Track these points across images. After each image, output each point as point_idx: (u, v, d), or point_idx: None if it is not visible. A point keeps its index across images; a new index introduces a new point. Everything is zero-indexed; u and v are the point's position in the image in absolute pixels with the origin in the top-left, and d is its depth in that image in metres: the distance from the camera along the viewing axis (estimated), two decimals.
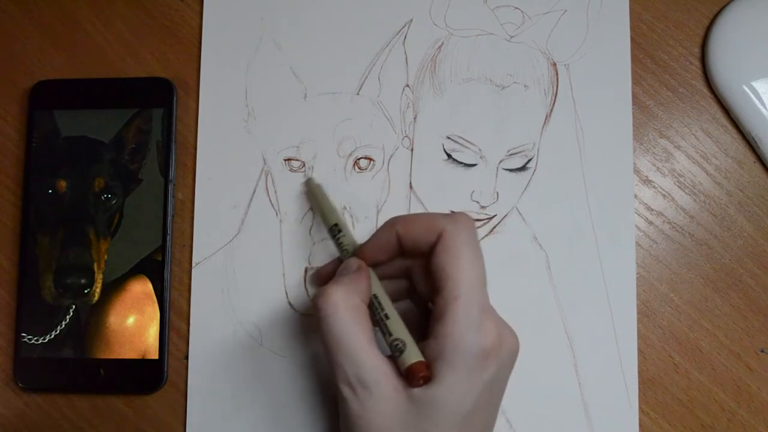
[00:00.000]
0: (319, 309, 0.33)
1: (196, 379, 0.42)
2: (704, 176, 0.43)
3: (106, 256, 0.42)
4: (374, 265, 0.36)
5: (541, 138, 0.43)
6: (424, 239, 0.34)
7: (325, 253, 0.42)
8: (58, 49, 0.45)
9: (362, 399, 0.32)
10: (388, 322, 0.34)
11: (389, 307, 0.34)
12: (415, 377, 0.31)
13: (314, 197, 0.42)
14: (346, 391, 0.32)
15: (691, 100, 0.44)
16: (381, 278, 0.36)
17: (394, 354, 0.33)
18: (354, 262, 0.36)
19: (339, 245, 0.38)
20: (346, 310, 0.33)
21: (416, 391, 0.31)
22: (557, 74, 0.44)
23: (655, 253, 0.43)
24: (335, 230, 0.39)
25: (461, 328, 0.31)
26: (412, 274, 0.37)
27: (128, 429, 0.42)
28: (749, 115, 0.42)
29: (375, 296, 0.35)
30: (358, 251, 0.37)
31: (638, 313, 0.42)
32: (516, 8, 0.44)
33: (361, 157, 0.43)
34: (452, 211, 0.37)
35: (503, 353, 0.33)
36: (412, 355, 0.32)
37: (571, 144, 0.43)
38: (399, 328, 0.33)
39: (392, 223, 0.35)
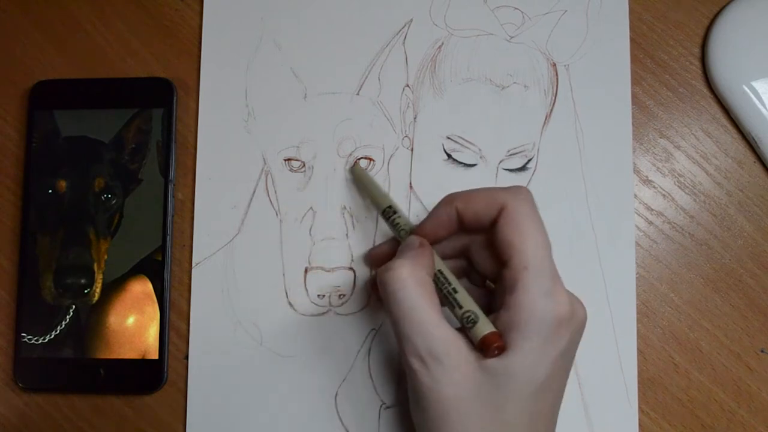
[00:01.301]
0: (387, 284, 0.33)
1: (196, 379, 0.42)
2: (704, 176, 0.43)
3: (106, 256, 0.42)
4: (433, 243, 0.36)
5: (541, 138, 0.43)
6: (485, 213, 0.34)
7: (325, 253, 0.42)
8: (58, 49, 0.45)
9: (433, 371, 0.32)
10: (456, 296, 0.34)
11: (455, 282, 0.35)
12: (489, 348, 0.31)
13: (362, 182, 0.42)
14: (416, 364, 0.32)
15: (691, 100, 0.44)
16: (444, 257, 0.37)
17: (465, 326, 0.33)
18: (415, 239, 0.36)
19: (395, 226, 0.38)
20: (414, 284, 0.33)
21: (490, 361, 0.31)
22: (557, 74, 0.44)
23: (655, 253, 0.43)
24: (390, 212, 0.39)
25: (534, 297, 0.32)
26: (470, 251, 0.37)
27: (128, 429, 0.42)
28: (749, 115, 0.42)
29: (440, 271, 0.35)
30: (417, 229, 0.37)
31: (638, 313, 0.42)
32: (516, 8, 0.44)
33: (361, 157, 0.43)
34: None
35: (575, 322, 0.33)
36: (486, 325, 0.32)
37: (571, 144, 0.43)
38: (468, 301, 0.33)
39: (451, 199, 0.36)
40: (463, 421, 0.32)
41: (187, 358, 0.42)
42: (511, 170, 0.43)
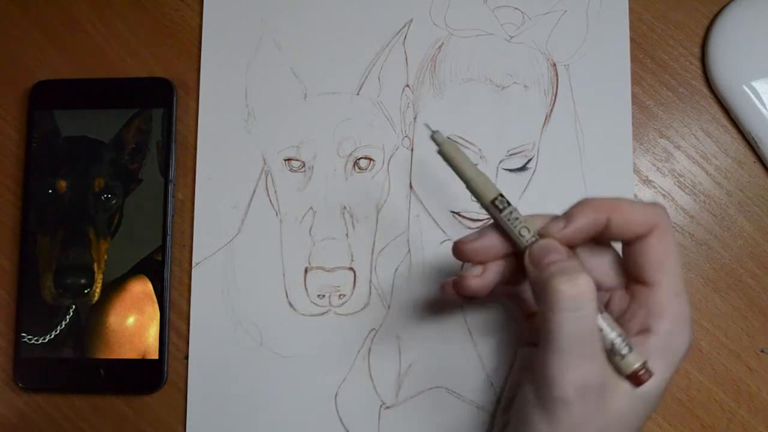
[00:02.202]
0: (570, 298, 0.29)
1: (196, 379, 0.42)
2: (704, 176, 0.43)
3: (106, 256, 0.42)
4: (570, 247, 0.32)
5: (541, 138, 0.43)
6: (636, 228, 0.31)
7: (325, 253, 0.42)
8: (58, 49, 0.45)
9: (589, 405, 0.29)
10: (604, 316, 0.31)
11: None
12: (641, 380, 0.30)
13: (457, 164, 0.33)
14: (572, 393, 0.29)
15: (691, 100, 0.44)
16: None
17: (616, 353, 0.30)
18: (563, 249, 0.31)
19: (514, 221, 0.32)
20: (596, 307, 0.29)
21: (636, 391, 0.30)
22: (557, 74, 0.44)
23: None
24: (503, 202, 0.32)
25: (681, 327, 0.31)
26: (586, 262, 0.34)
27: (128, 429, 0.42)
28: (749, 115, 0.42)
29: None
30: (552, 232, 0.32)
31: None
32: (516, 8, 0.44)
33: (361, 157, 0.43)
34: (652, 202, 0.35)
35: None
36: (638, 356, 0.30)
37: (571, 144, 0.43)
38: (616, 326, 0.31)
39: (601, 207, 0.31)
40: None
41: (187, 358, 0.42)
42: (511, 170, 0.43)
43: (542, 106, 0.43)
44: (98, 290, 0.42)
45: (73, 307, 0.42)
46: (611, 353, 0.30)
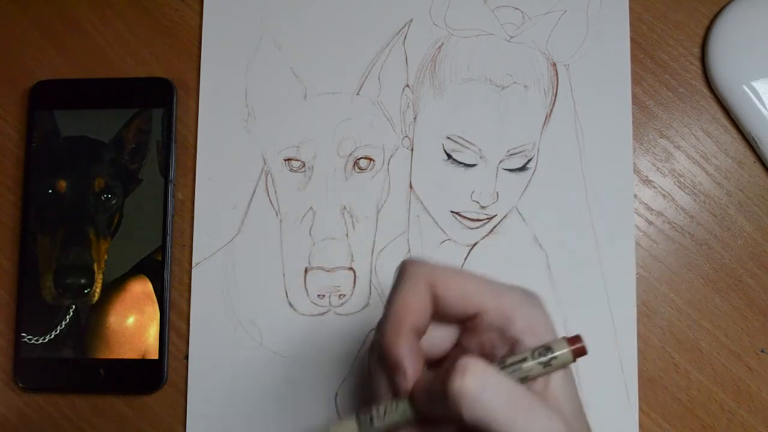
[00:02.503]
0: (470, 387, 0.26)
1: (196, 379, 0.42)
2: (704, 176, 0.43)
3: (106, 256, 0.42)
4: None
5: (541, 138, 0.43)
6: (456, 312, 0.30)
7: (325, 253, 0.42)
8: (58, 49, 0.45)
9: None
10: (507, 360, 0.29)
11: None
12: (581, 349, 0.28)
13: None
14: None
15: (691, 100, 0.44)
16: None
17: (545, 363, 0.28)
18: (424, 375, 0.29)
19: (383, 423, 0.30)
20: (497, 369, 0.28)
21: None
22: (557, 74, 0.44)
23: (655, 253, 0.43)
24: (364, 420, 0.30)
25: (520, 305, 0.29)
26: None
27: (128, 429, 0.42)
28: (749, 115, 0.42)
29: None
30: (408, 388, 0.29)
31: (638, 313, 0.42)
32: (516, 8, 0.44)
33: (361, 157, 0.43)
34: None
35: None
36: (558, 344, 0.29)
37: (571, 144, 0.43)
38: (519, 353, 0.29)
39: (404, 332, 0.29)
40: None
41: (187, 358, 0.42)
42: (511, 170, 0.43)
43: (542, 106, 0.43)
44: (98, 290, 0.42)
45: (73, 307, 0.42)
46: (546, 369, 0.29)
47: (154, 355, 0.42)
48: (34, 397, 0.43)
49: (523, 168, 0.43)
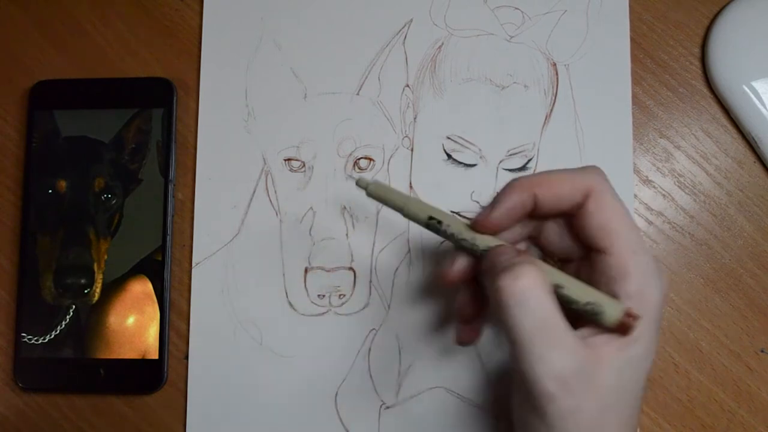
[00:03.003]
0: (517, 293, 0.28)
1: (196, 379, 0.42)
2: (704, 176, 0.43)
3: (106, 256, 0.42)
4: (497, 233, 0.33)
5: (541, 138, 0.43)
6: (569, 198, 0.31)
7: (325, 253, 0.42)
8: (58, 49, 0.45)
9: (576, 391, 0.28)
10: (568, 290, 0.30)
11: (562, 275, 0.31)
12: (629, 325, 0.29)
13: (387, 198, 0.33)
14: (553, 387, 0.28)
15: (691, 100, 0.44)
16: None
17: (589, 316, 0.30)
18: (509, 249, 0.31)
19: (451, 236, 0.33)
20: (547, 292, 0.28)
21: (619, 360, 0.29)
22: (557, 74, 0.44)
23: (655, 253, 0.43)
24: (435, 223, 0.33)
25: (650, 282, 0.30)
26: (541, 237, 0.34)
27: (128, 429, 0.42)
28: (749, 115, 0.42)
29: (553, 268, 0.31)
30: (482, 221, 0.32)
31: None
32: (516, 8, 0.44)
33: (361, 157, 0.43)
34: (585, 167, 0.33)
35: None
36: (615, 305, 0.29)
37: (571, 144, 0.43)
38: (585, 289, 0.30)
39: (524, 184, 0.32)
40: None
41: (187, 358, 0.42)
42: (511, 170, 0.43)
43: (542, 106, 0.43)
44: (98, 290, 0.42)
45: (73, 307, 0.42)
46: (593, 317, 0.30)
47: (154, 355, 0.42)
48: (34, 397, 0.43)
49: (523, 168, 0.43)
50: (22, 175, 0.44)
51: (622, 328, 0.29)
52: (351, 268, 0.42)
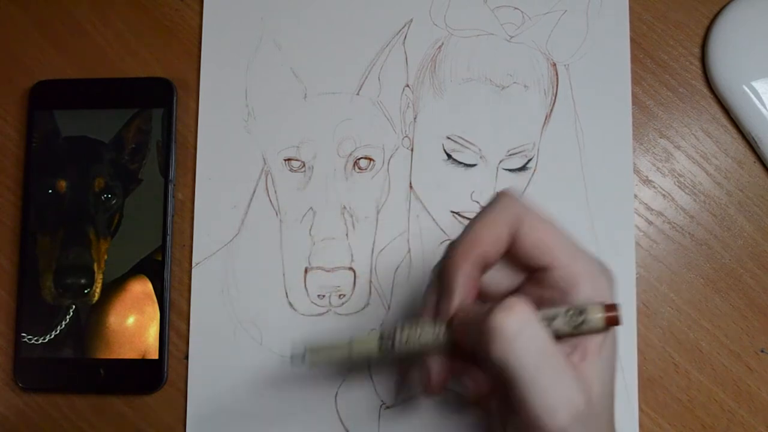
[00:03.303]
0: (513, 328, 0.27)
1: (196, 379, 0.42)
2: (704, 176, 0.43)
3: (106, 256, 0.42)
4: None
5: (541, 138, 0.43)
6: (504, 241, 0.30)
7: (325, 253, 0.42)
8: (58, 49, 0.45)
9: (586, 419, 0.27)
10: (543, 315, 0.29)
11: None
12: (615, 318, 0.28)
13: (329, 354, 0.32)
14: (565, 419, 0.26)
15: (691, 100, 0.44)
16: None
17: (576, 332, 0.29)
18: (469, 305, 0.30)
19: (409, 339, 0.31)
20: (541, 321, 0.28)
21: (597, 365, 0.28)
22: (557, 74, 0.44)
23: (655, 253, 0.43)
24: (386, 340, 0.31)
25: (599, 280, 0.29)
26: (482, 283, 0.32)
27: (128, 429, 0.42)
28: (749, 115, 0.42)
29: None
30: (446, 314, 0.31)
31: (638, 313, 0.42)
32: (516, 8, 0.44)
33: (361, 157, 0.43)
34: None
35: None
36: (593, 307, 0.29)
37: (571, 144, 0.43)
38: (556, 310, 0.29)
39: (465, 262, 0.30)
40: None
41: (187, 358, 0.42)
42: (511, 170, 0.43)
43: (542, 106, 0.43)
44: (98, 290, 0.42)
45: (73, 307, 0.42)
46: (578, 329, 0.29)
47: (154, 355, 0.42)
48: (34, 397, 0.43)
49: (523, 168, 0.43)
50: (22, 175, 0.44)
51: (611, 321, 0.29)
52: (351, 268, 0.42)
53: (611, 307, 0.29)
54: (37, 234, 0.43)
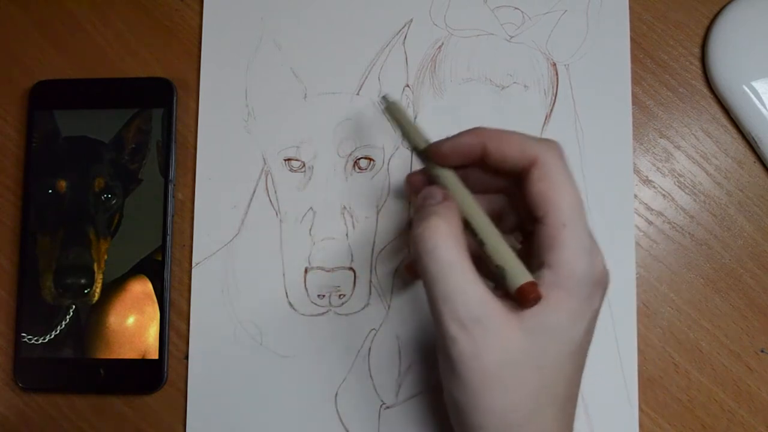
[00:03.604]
0: (424, 240, 0.30)
1: (196, 379, 0.42)
2: (704, 176, 0.43)
3: (106, 256, 0.42)
4: (446, 165, 0.34)
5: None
6: (515, 161, 0.32)
7: (325, 253, 0.42)
8: (58, 49, 0.45)
9: (476, 336, 0.29)
10: (486, 248, 0.31)
11: (485, 231, 0.32)
12: (527, 297, 0.30)
13: (399, 120, 0.36)
14: (455, 330, 0.30)
15: (691, 100, 0.44)
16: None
17: (499, 279, 0.31)
18: (438, 192, 0.33)
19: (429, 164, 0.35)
20: (452, 240, 0.30)
21: (532, 322, 0.30)
22: (557, 74, 0.44)
23: (655, 253, 0.43)
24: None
25: (575, 253, 0.31)
26: (510, 194, 0.35)
27: (128, 429, 0.42)
28: (749, 115, 0.42)
29: (468, 222, 0.32)
30: (434, 148, 0.34)
31: (638, 313, 0.42)
32: (516, 8, 0.44)
33: (361, 157, 0.43)
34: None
35: (607, 283, 0.32)
36: (521, 275, 0.30)
37: (571, 144, 0.43)
38: (501, 251, 0.31)
39: (480, 133, 0.33)
40: (507, 388, 0.30)
41: (187, 358, 0.42)
42: None
43: (542, 106, 0.43)
44: (98, 290, 0.42)
45: (73, 307, 0.42)
46: (501, 279, 0.31)
47: (154, 355, 0.42)
48: (34, 397, 0.43)
49: None
50: (22, 175, 0.44)
51: (520, 299, 0.30)
52: (351, 268, 0.42)
53: (534, 291, 0.30)
54: (37, 234, 0.43)
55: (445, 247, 0.30)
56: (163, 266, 0.42)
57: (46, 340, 0.42)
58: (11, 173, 0.44)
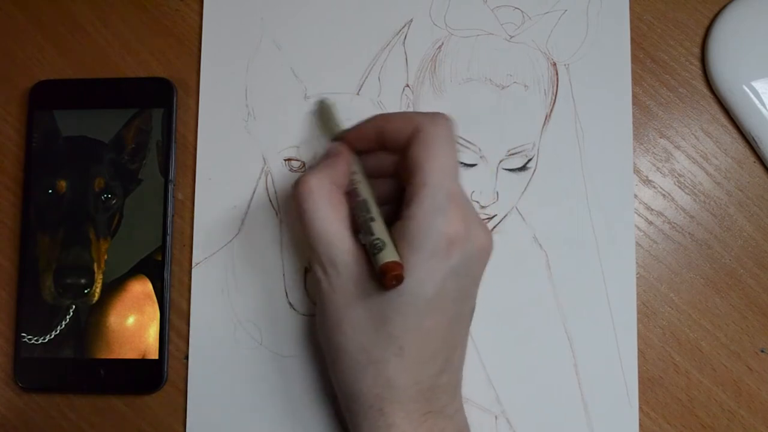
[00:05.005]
0: (296, 194, 0.35)
1: (196, 379, 0.42)
2: (704, 176, 0.43)
3: (106, 256, 0.42)
4: (356, 152, 0.38)
5: (541, 138, 0.43)
6: (402, 132, 0.35)
7: None
8: (58, 49, 0.45)
9: (332, 279, 0.34)
10: (372, 224, 0.34)
11: (375, 211, 0.35)
12: (387, 275, 0.31)
13: (324, 117, 0.42)
14: (318, 271, 0.35)
15: (691, 100, 0.44)
16: (374, 175, 0.38)
17: (372, 254, 0.33)
18: (337, 147, 0.38)
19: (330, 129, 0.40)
20: (320, 194, 0.35)
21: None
22: (557, 74, 0.44)
23: (655, 253, 0.43)
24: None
25: (425, 211, 0.33)
26: (399, 170, 0.37)
27: (128, 429, 0.42)
28: (749, 115, 0.42)
29: (364, 200, 0.36)
30: (341, 135, 0.39)
31: (638, 313, 0.42)
32: (516, 8, 0.44)
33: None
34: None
35: (470, 245, 0.33)
36: (389, 254, 0.32)
37: (571, 144, 0.43)
38: (381, 230, 0.34)
39: (376, 117, 0.37)
40: (354, 329, 0.34)
41: (187, 358, 0.42)
42: (511, 170, 0.43)
43: (542, 106, 0.43)
44: (98, 290, 0.42)
45: (73, 307, 0.42)
46: (372, 254, 0.33)
47: (154, 355, 0.42)
48: (34, 397, 0.43)
49: (523, 168, 0.43)
50: (22, 175, 0.44)
51: (381, 274, 0.32)
52: None
53: (394, 266, 0.31)
54: (37, 234, 0.43)
55: (311, 201, 0.34)
56: (163, 266, 0.42)
57: (46, 340, 0.42)
58: (11, 173, 0.44)
